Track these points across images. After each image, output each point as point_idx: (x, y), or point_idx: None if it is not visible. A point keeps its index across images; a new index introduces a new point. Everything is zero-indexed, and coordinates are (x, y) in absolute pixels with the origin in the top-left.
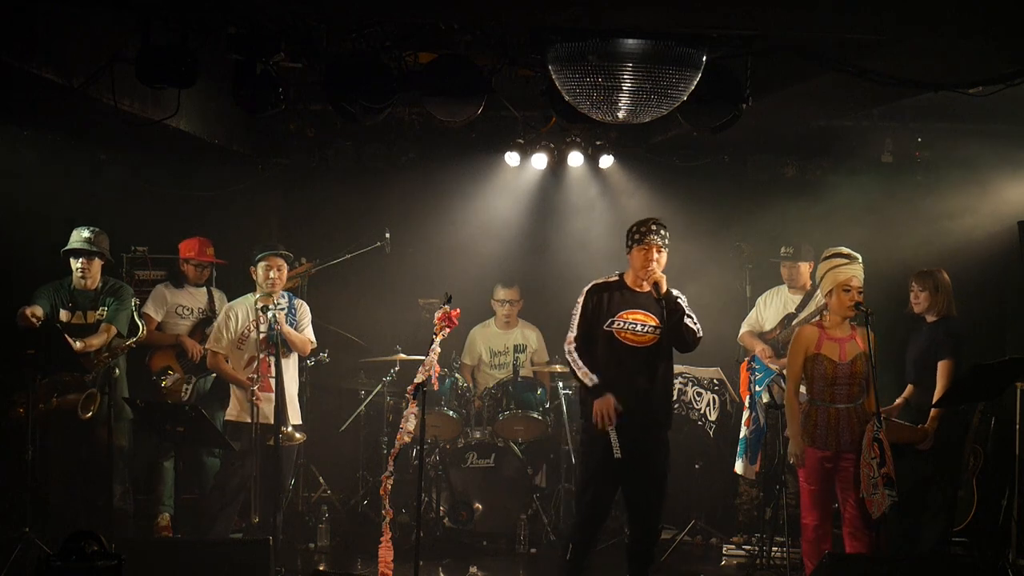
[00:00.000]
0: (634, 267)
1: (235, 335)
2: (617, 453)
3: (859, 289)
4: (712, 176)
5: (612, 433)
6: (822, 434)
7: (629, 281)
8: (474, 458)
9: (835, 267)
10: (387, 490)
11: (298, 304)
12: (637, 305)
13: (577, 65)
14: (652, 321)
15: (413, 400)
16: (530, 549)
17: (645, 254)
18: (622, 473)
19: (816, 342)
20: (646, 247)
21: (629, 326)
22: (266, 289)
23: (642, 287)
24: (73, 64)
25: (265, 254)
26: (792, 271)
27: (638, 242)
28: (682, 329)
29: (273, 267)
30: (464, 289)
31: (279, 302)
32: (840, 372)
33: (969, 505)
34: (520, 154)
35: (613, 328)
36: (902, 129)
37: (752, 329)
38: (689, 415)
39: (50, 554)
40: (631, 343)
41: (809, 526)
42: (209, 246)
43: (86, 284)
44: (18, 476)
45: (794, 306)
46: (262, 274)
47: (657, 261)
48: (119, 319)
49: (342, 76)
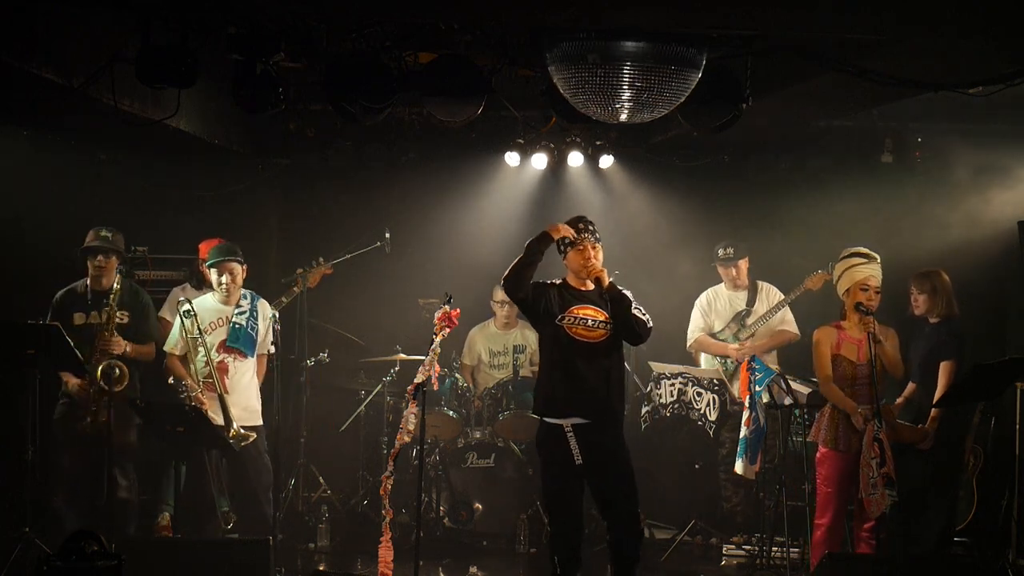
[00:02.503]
0: (573, 269)
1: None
2: (578, 459)
3: (876, 289)
4: (712, 176)
5: (572, 440)
6: (844, 436)
7: (572, 282)
8: (474, 458)
9: (852, 266)
10: (387, 490)
11: (260, 306)
12: (585, 301)
13: (577, 65)
14: (602, 316)
15: (413, 400)
16: (530, 549)
17: (582, 253)
18: (587, 477)
19: (836, 342)
20: (582, 247)
21: (580, 321)
22: (221, 294)
23: (586, 285)
24: (73, 64)
25: (218, 260)
26: (734, 270)
27: (572, 245)
28: (631, 319)
29: (224, 272)
30: (464, 289)
31: (240, 304)
32: (860, 373)
33: (969, 505)
34: (520, 154)
35: (564, 323)
36: (902, 129)
37: (704, 334)
38: (689, 415)
39: (50, 554)
40: (583, 338)
41: (822, 526)
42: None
43: (102, 283)
44: (18, 476)
45: (742, 303)
46: (214, 279)
47: (595, 257)
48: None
49: (342, 76)
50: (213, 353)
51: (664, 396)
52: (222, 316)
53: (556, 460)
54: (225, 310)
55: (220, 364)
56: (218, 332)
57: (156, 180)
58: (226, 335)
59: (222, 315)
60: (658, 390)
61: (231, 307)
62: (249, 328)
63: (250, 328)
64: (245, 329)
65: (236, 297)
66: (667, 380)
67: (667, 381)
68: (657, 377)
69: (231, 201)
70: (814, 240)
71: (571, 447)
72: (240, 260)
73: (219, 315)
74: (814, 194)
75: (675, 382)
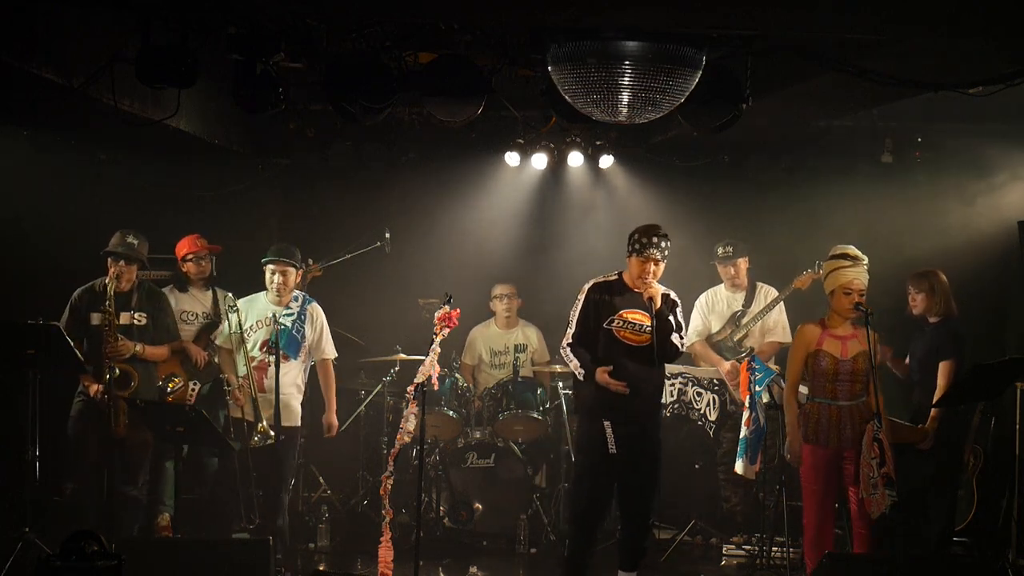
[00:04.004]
0: (632, 273)
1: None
2: (612, 448)
3: (860, 292)
4: (712, 176)
5: (608, 428)
6: (824, 432)
7: (628, 282)
8: (474, 458)
9: (838, 268)
10: (387, 490)
11: (311, 311)
12: (636, 305)
13: (577, 65)
14: (649, 321)
15: (413, 400)
16: (530, 549)
17: (643, 265)
18: (617, 469)
19: (817, 339)
20: (644, 259)
21: (629, 325)
22: (272, 294)
23: (639, 288)
24: (73, 64)
25: (274, 258)
26: (733, 269)
27: (638, 252)
28: (666, 344)
29: (278, 272)
30: (464, 289)
31: (290, 306)
32: (842, 368)
33: (969, 505)
34: (520, 154)
35: (613, 327)
36: (902, 129)
37: (702, 336)
38: (689, 415)
39: (50, 554)
40: (630, 342)
41: (810, 525)
42: (200, 238)
43: (120, 287)
44: (18, 476)
45: (739, 304)
46: (268, 277)
47: (654, 274)
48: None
49: (342, 76)
50: (256, 351)
51: (664, 396)
52: (268, 316)
53: (594, 445)
54: (274, 310)
55: (260, 363)
56: (261, 331)
57: (156, 180)
58: (268, 335)
59: (268, 314)
60: None
61: (281, 308)
62: (294, 330)
63: (295, 330)
64: (290, 331)
65: (287, 299)
66: (667, 380)
67: (667, 381)
68: None
69: (231, 201)
70: (814, 240)
71: (607, 435)
72: (295, 264)
73: (266, 314)
74: (814, 194)
75: (675, 382)
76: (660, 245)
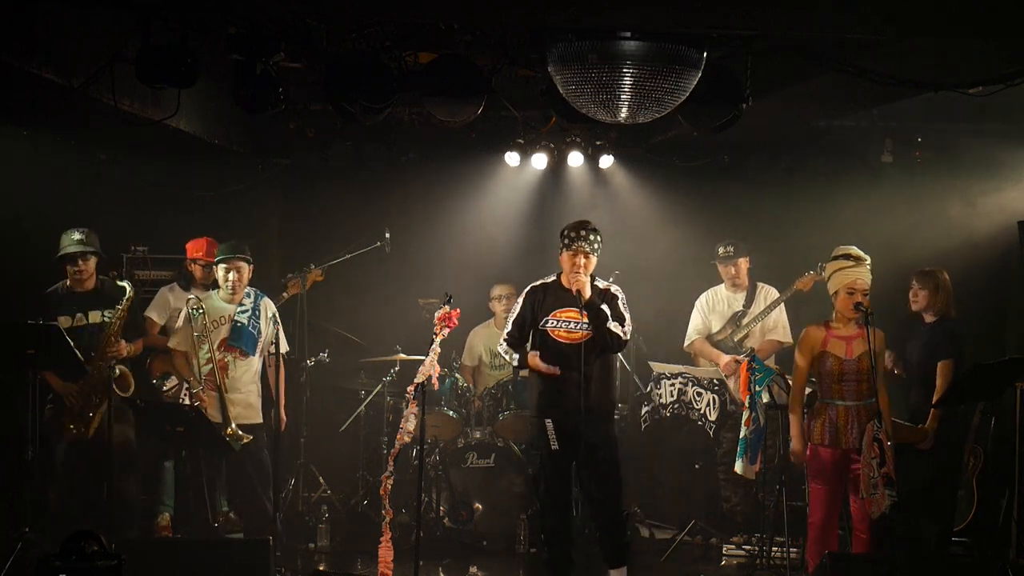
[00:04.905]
0: (564, 269)
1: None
2: (554, 445)
3: (864, 292)
4: (712, 176)
5: (548, 426)
6: (831, 432)
7: (564, 282)
8: (474, 458)
9: (841, 268)
10: (387, 490)
11: (264, 306)
12: (570, 304)
13: (577, 65)
14: (584, 318)
15: (413, 400)
16: (530, 549)
17: (573, 259)
18: (569, 465)
19: (822, 341)
20: (573, 252)
21: (561, 324)
22: (226, 291)
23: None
24: (73, 64)
25: (227, 256)
26: (733, 269)
27: (567, 247)
28: (604, 333)
29: (232, 269)
30: (464, 289)
31: (244, 302)
32: (847, 368)
33: (969, 505)
34: (520, 154)
35: (547, 327)
36: (902, 129)
37: (702, 335)
38: (689, 415)
39: (50, 554)
40: (564, 340)
41: (815, 525)
42: (213, 245)
43: (84, 286)
44: (18, 476)
45: (739, 304)
46: (221, 275)
47: (584, 267)
48: (139, 323)
49: (342, 76)
50: (215, 350)
51: (664, 396)
52: (225, 314)
53: (542, 443)
54: (228, 308)
55: (221, 362)
56: (220, 330)
57: (156, 180)
58: (227, 333)
59: (225, 313)
60: (658, 390)
61: (235, 305)
62: (251, 327)
63: (251, 327)
64: (247, 328)
65: (240, 296)
66: (667, 380)
67: (667, 381)
68: (657, 377)
69: (231, 201)
70: (814, 240)
71: (548, 432)
72: (248, 259)
73: (222, 313)
74: (814, 194)
75: (675, 382)
76: (589, 238)
